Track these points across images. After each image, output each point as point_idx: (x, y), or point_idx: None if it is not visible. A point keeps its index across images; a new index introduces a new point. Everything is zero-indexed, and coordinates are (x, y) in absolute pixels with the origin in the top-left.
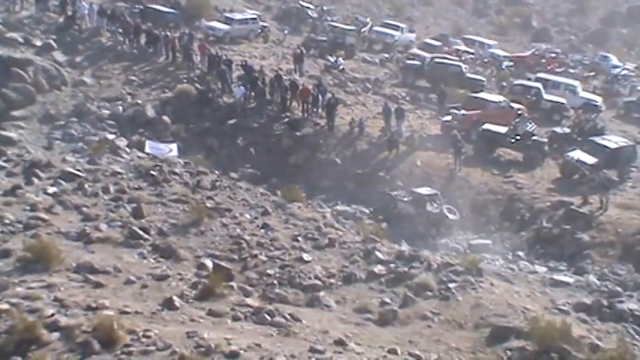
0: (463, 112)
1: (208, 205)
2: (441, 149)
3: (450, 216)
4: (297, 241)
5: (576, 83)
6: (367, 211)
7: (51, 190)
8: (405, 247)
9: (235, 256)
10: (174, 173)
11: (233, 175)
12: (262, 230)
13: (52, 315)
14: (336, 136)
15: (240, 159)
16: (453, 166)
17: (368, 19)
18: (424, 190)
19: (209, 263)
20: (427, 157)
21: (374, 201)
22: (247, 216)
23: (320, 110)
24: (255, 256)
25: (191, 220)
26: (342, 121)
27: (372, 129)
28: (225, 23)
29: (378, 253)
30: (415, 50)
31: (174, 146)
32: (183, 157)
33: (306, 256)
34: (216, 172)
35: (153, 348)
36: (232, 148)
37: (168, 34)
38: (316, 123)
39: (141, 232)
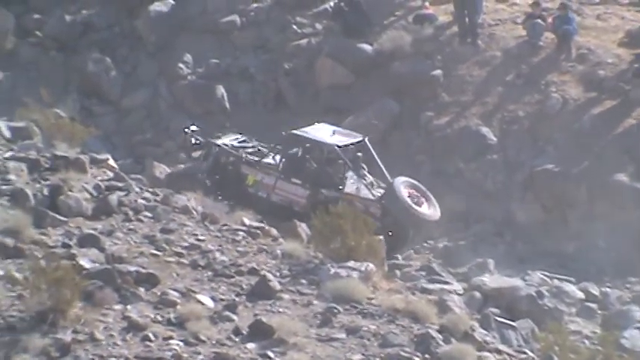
0: None
1: (83, 263)
2: None
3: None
4: None
5: None
6: None
7: None
8: None
9: None
10: None
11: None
12: (250, 345)
13: None
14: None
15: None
16: None
17: None
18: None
19: None
20: None
21: None
22: (206, 300)
23: None
24: None
25: (35, 311)
26: None
27: None
28: None
29: None
30: None
31: None
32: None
33: None
34: (110, 159)
35: None
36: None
37: None
38: None
39: None
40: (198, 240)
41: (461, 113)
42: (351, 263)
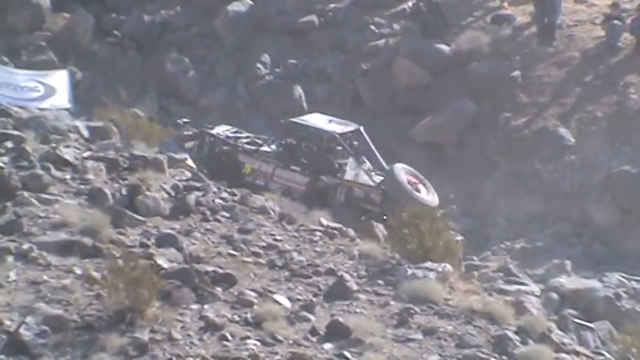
0: None
1: (161, 263)
2: None
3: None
4: None
5: None
6: None
7: None
8: None
9: None
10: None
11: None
12: (327, 345)
13: None
14: None
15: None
16: None
17: None
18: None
19: None
20: None
21: None
22: (283, 300)
23: None
24: None
25: (113, 310)
26: None
27: None
28: None
29: None
30: None
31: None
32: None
33: None
34: (188, 159)
35: None
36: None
37: None
38: None
39: None
40: (276, 240)
41: (539, 114)
42: (428, 264)
